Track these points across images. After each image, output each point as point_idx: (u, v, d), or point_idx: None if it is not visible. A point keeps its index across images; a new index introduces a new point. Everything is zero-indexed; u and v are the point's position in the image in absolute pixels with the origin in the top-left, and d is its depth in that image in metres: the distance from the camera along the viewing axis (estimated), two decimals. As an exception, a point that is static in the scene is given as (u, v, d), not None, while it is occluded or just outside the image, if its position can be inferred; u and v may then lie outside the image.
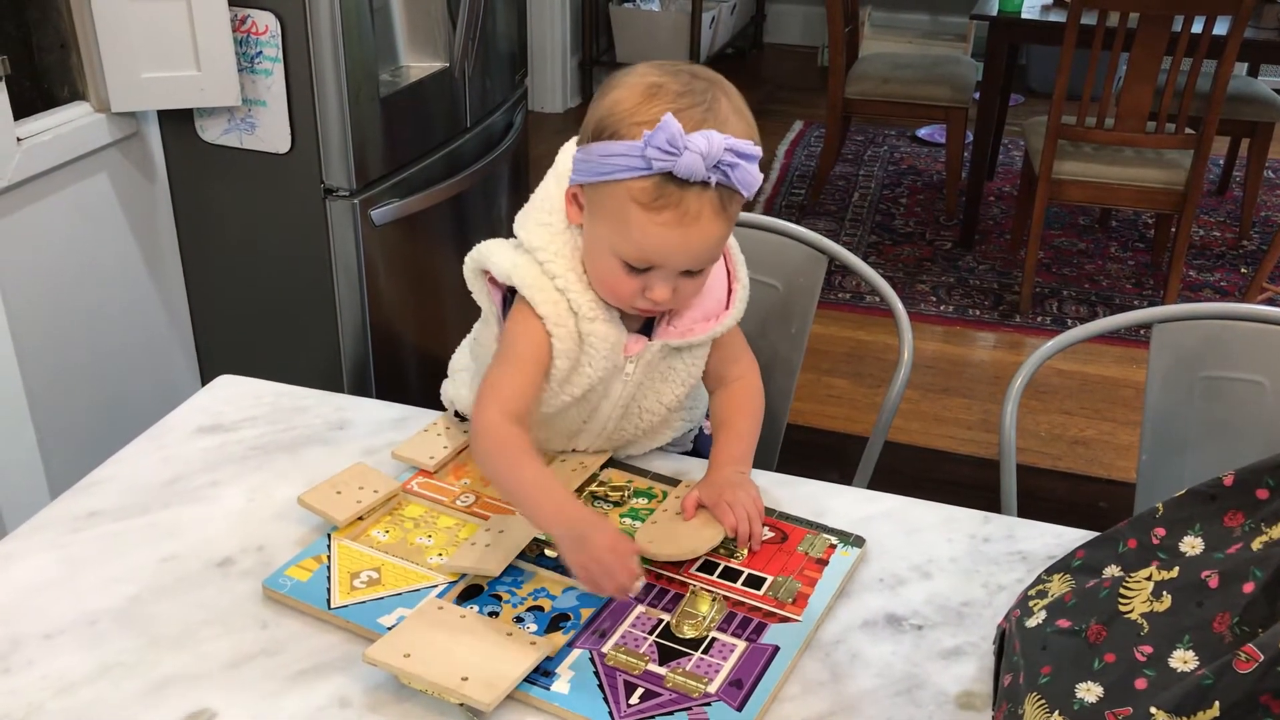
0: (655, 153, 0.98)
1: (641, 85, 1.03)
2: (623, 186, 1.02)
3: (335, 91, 2.02)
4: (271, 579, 1.06)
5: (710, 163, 0.98)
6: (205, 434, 1.30)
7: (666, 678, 0.95)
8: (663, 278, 1.06)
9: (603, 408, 1.18)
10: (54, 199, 1.94)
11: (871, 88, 3.90)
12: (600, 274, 1.09)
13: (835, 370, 3.06)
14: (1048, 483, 2.61)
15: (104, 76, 1.94)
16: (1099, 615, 0.83)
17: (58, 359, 2.00)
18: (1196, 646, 0.76)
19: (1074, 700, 0.79)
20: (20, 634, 1.00)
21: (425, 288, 2.42)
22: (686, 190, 1.00)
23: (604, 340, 1.12)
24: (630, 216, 1.02)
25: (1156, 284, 3.56)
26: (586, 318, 1.11)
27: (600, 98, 1.06)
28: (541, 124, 4.78)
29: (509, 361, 1.12)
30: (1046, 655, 0.84)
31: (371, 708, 0.93)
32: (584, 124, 1.08)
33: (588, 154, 1.05)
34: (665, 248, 1.03)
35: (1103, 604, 0.84)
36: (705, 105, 1.02)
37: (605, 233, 1.06)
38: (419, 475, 1.22)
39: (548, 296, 1.10)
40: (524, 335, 1.11)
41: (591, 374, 1.13)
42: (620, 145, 1.01)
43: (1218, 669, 0.71)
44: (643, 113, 1.01)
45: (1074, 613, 0.86)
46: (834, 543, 1.12)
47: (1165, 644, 0.77)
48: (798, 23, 6.15)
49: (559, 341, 1.11)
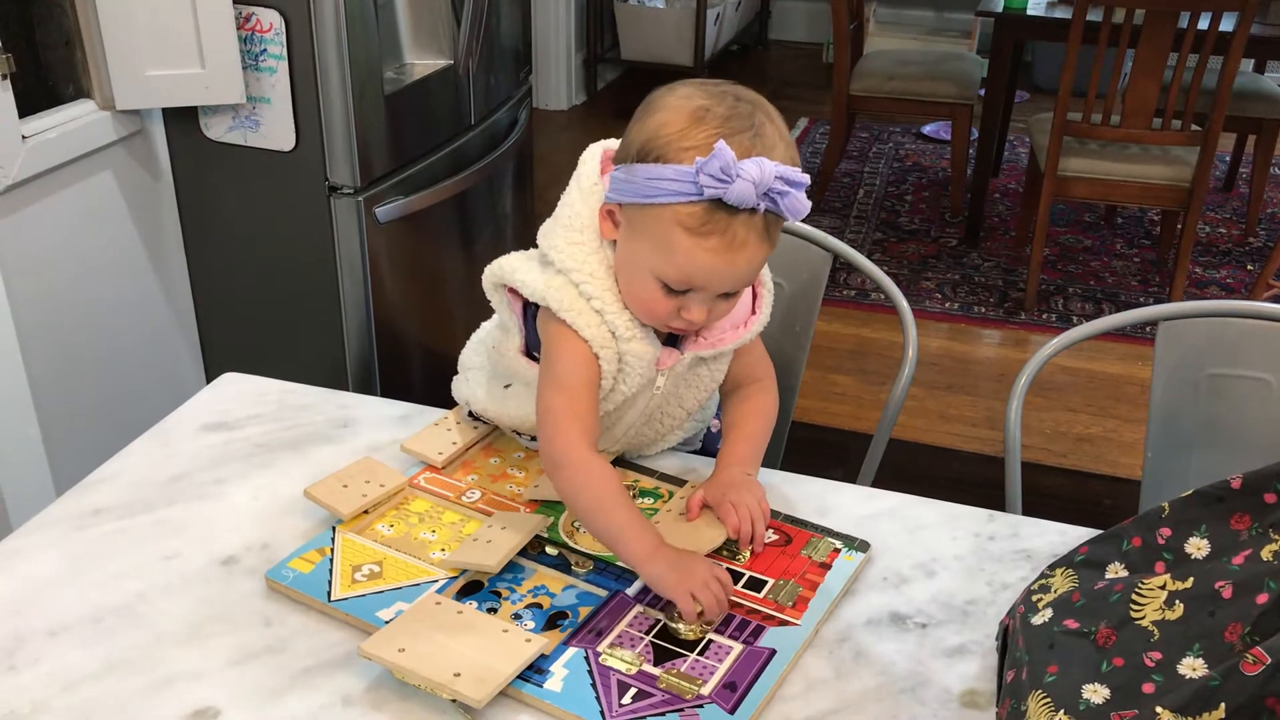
0: (708, 180, 0.97)
1: (688, 108, 1.02)
2: (669, 210, 1.01)
3: (339, 89, 2.02)
4: (274, 570, 1.06)
5: (761, 190, 0.98)
6: (210, 431, 1.30)
7: (660, 678, 0.95)
8: (701, 300, 1.06)
9: (627, 417, 1.19)
10: (59, 196, 1.94)
11: (876, 85, 3.89)
12: (636, 293, 1.08)
13: (839, 367, 3.06)
14: (1052, 480, 2.61)
15: (109, 74, 1.94)
16: (1109, 619, 0.83)
17: (63, 356, 2.00)
18: (1206, 655, 0.75)
19: (1080, 700, 0.79)
20: (25, 631, 1.00)
21: (430, 285, 2.42)
22: (734, 217, 1.00)
23: (640, 359, 1.11)
24: (675, 240, 1.02)
25: (1162, 281, 3.55)
26: (624, 338, 1.10)
27: (643, 119, 1.05)
28: (545, 121, 4.78)
29: (572, 387, 1.10)
30: (1053, 654, 0.84)
31: (375, 705, 0.93)
32: (625, 143, 1.07)
33: (631, 175, 1.03)
34: (709, 272, 1.03)
35: (1113, 608, 0.84)
36: (752, 131, 1.01)
37: (646, 254, 1.05)
38: (426, 470, 1.22)
39: (589, 320, 1.09)
40: (576, 359, 1.10)
41: (626, 390, 1.13)
42: (668, 169, 1.00)
43: (1224, 671, 0.71)
44: (690, 137, 1.01)
45: (1082, 614, 0.86)
46: (838, 546, 1.11)
47: (1175, 651, 0.77)
48: (802, 19, 6.15)
49: (605, 363, 1.11)
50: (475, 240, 2.54)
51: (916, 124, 4.84)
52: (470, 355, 1.33)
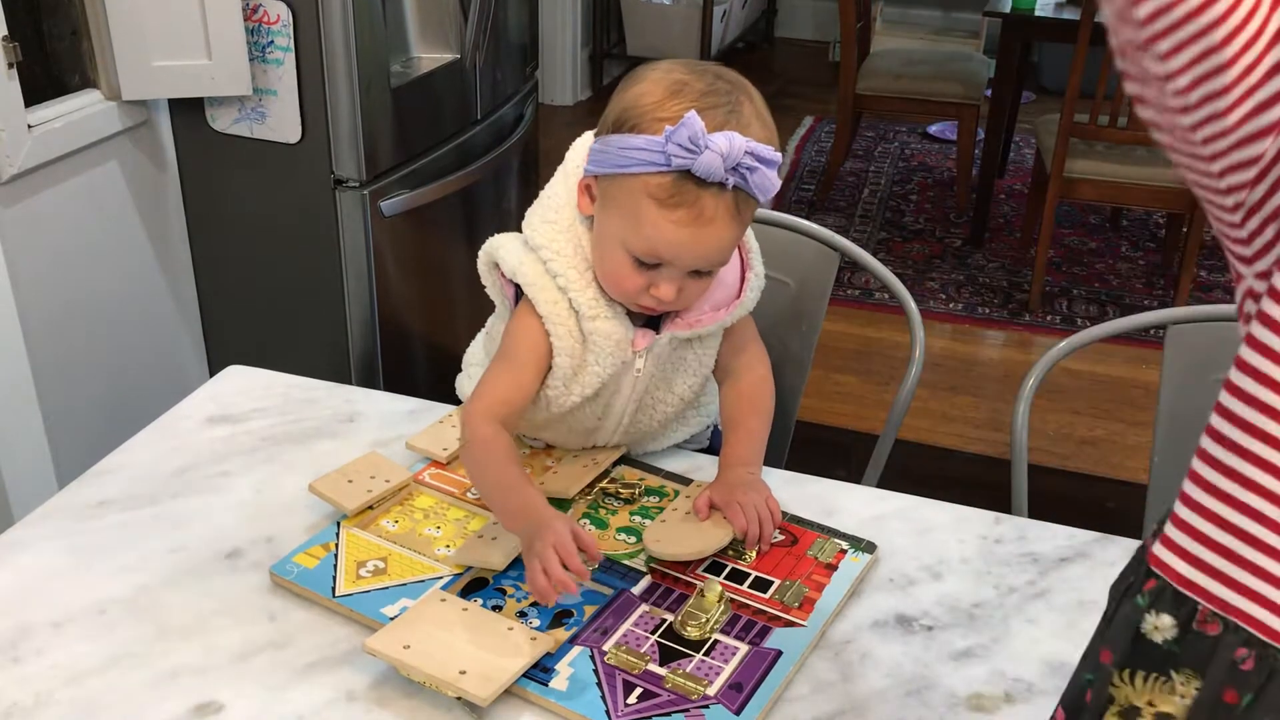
0: (675, 149, 0.98)
1: (666, 81, 1.03)
2: (639, 180, 1.01)
3: (346, 82, 2.01)
4: (279, 565, 1.06)
5: (729, 164, 0.98)
6: (215, 424, 1.29)
7: (666, 678, 0.94)
8: (670, 276, 1.06)
9: (615, 404, 1.18)
10: (64, 186, 1.94)
11: (883, 84, 3.89)
12: (607, 267, 1.09)
13: (844, 367, 3.05)
14: (1055, 482, 2.60)
15: (115, 64, 1.93)
16: None
17: (66, 347, 2.00)
18: None
19: None
20: (29, 623, 1.00)
21: (434, 279, 2.41)
22: (703, 190, 1.00)
23: (608, 338, 1.11)
24: (644, 211, 1.02)
25: (1166, 284, 3.54)
26: (587, 316, 1.10)
27: (623, 90, 1.06)
28: (551, 116, 4.77)
29: (503, 362, 1.13)
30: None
31: (379, 702, 0.93)
32: (604, 115, 1.07)
33: (606, 145, 1.05)
34: (676, 245, 1.03)
35: None
36: (729, 107, 1.01)
37: (616, 225, 1.05)
38: (431, 466, 1.21)
39: (549, 295, 1.10)
40: (522, 335, 1.12)
41: (600, 372, 1.13)
42: (640, 139, 1.01)
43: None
44: (665, 109, 1.01)
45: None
46: (844, 548, 1.11)
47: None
48: (809, 17, 6.14)
49: (558, 340, 1.11)
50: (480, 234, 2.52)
51: (922, 124, 4.83)
52: (474, 352, 1.33)
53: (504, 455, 1.08)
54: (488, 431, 1.09)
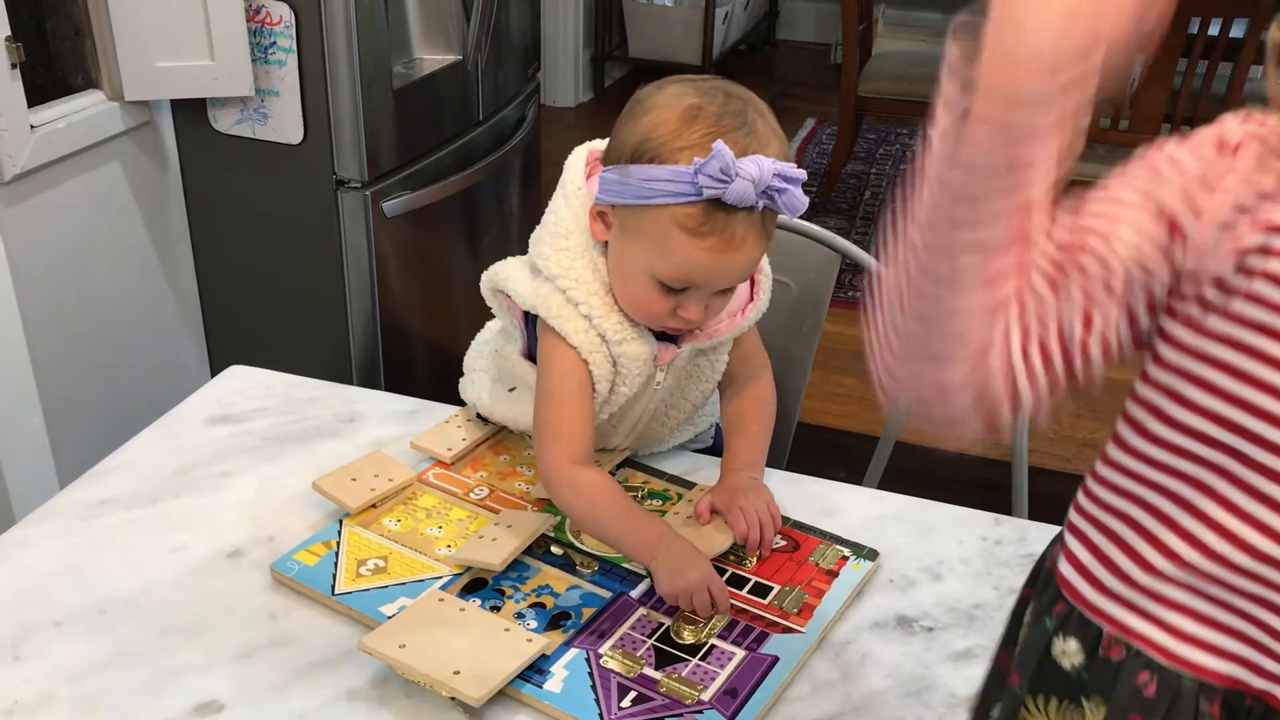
0: (707, 180, 0.97)
1: (679, 107, 1.02)
2: (666, 211, 1.01)
3: (348, 83, 2.02)
4: (280, 562, 1.06)
5: (760, 189, 0.98)
6: (216, 424, 1.30)
7: (661, 682, 0.94)
8: (698, 298, 1.06)
9: (631, 414, 1.18)
10: (66, 187, 1.94)
11: (885, 86, 3.88)
12: (632, 294, 1.08)
13: (845, 369, 3.05)
14: (1055, 484, 2.60)
15: (118, 65, 1.94)
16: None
17: (68, 346, 2.00)
18: None
19: None
20: (30, 622, 1.00)
21: (436, 280, 2.42)
22: (733, 216, 1.00)
23: (635, 359, 1.11)
24: (673, 241, 1.01)
25: (1168, 287, 3.54)
26: (615, 341, 1.10)
27: (634, 119, 1.04)
28: (553, 118, 4.77)
29: (558, 399, 1.11)
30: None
31: (379, 701, 0.93)
32: (615, 144, 1.06)
33: (625, 176, 1.03)
34: (707, 271, 1.03)
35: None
36: (746, 129, 1.01)
37: (642, 255, 1.04)
38: (435, 466, 1.22)
39: (577, 326, 1.09)
40: (565, 369, 1.10)
41: (627, 391, 1.13)
42: (665, 170, 1.00)
43: None
44: (683, 137, 1.00)
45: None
46: (846, 554, 1.11)
47: None
48: (811, 19, 6.14)
49: (595, 368, 1.10)
50: (482, 236, 2.54)
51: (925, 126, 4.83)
52: (475, 357, 1.33)
53: (616, 492, 1.09)
54: (587, 475, 1.09)
